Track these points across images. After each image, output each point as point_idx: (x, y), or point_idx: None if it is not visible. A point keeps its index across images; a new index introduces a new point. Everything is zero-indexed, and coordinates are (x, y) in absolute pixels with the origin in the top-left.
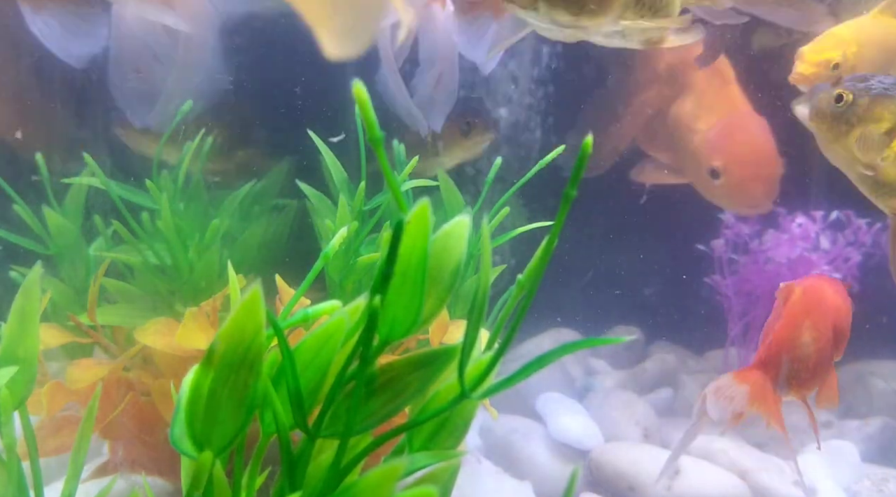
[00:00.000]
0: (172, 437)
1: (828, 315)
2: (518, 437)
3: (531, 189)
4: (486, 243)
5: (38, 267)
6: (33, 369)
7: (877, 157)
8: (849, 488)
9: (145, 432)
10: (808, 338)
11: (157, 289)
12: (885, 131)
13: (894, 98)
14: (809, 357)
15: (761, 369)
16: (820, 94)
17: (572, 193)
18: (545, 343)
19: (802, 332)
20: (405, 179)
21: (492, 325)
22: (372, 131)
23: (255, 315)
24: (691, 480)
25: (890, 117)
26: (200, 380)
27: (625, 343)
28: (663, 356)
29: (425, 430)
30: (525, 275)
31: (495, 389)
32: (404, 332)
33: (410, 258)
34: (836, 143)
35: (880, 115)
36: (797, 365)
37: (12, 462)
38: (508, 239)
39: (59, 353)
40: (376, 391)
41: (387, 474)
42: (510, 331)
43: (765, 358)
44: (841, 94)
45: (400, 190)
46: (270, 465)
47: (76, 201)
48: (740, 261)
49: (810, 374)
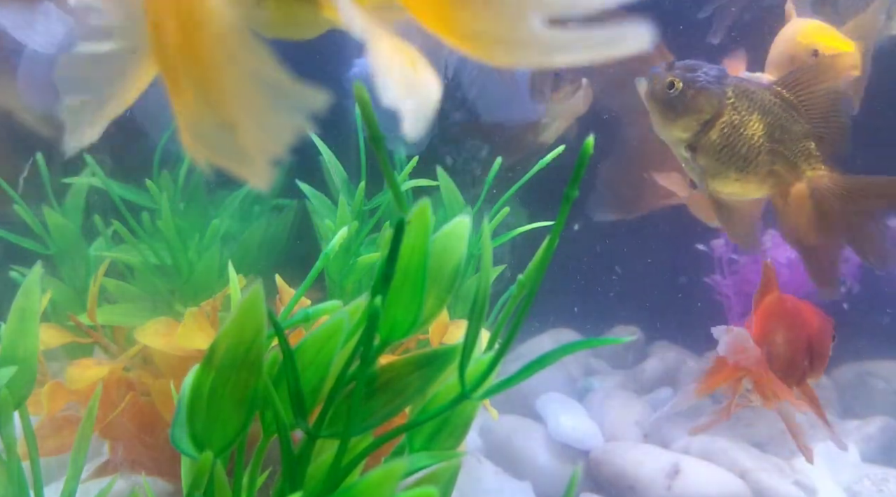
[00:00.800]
0: (173, 437)
1: (802, 331)
2: (518, 437)
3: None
4: (487, 243)
5: (38, 267)
6: (33, 369)
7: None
8: (849, 488)
9: (145, 432)
10: (780, 339)
11: (157, 289)
12: (704, 121)
13: (715, 92)
14: (780, 357)
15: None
16: (655, 77)
17: (573, 194)
18: (545, 343)
19: (777, 330)
20: (405, 179)
21: (492, 326)
22: (373, 131)
23: (255, 315)
24: (691, 480)
25: (709, 109)
26: (201, 380)
27: (625, 343)
28: (663, 356)
29: (426, 430)
30: (526, 275)
31: (496, 390)
32: (405, 332)
33: (411, 258)
34: (666, 125)
35: (702, 106)
36: (770, 358)
37: (12, 462)
38: (509, 239)
39: (59, 353)
40: (377, 391)
41: (387, 474)
42: (511, 331)
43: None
44: (672, 82)
45: (400, 190)
46: (271, 465)
47: (76, 201)
48: (740, 261)
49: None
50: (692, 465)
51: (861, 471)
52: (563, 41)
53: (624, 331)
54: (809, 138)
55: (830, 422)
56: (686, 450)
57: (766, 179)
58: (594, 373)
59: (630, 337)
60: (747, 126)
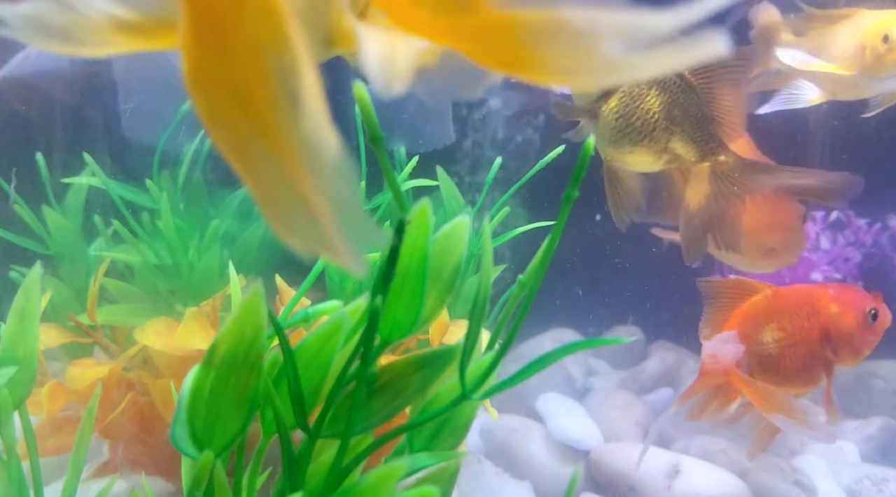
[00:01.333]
0: (174, 437)
1: (810, 322)
2: (518, 437)
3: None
4: (488, 244)
5: (38, 267)
6: (33, 369)
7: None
8: (849, 488)
9: (145, 432)
10: (769, 338)
11: (157, 289)
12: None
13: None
14: (773, 357)
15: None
16: None
17: (574, 194)
18: (545, 343)
19: (761, 330)
20: (405, 179)
21: (492, 326)
22: (373, 132)
23: (256, 315)
24: (691, 480)
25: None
26: (202, 380)
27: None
28: (663, 356)
29: (426, 430)
30: (526, 275)
31: (496, 390)
32: (405, 332)
33: (411, 258)
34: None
35: None
36: (759, 359)
37: (12, 462)
38: (509, 239)
39: (59, 353)
40: (377, 391)
41: (388, 474)
42: (511, 331)
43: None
44: None
45: (400, 190)
46: (271, 465)
47: (76, 201)
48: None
49: (781, 374)
50: (692, 465)
51: (861, 471)
52: (639, 61)
53: (624, 331)
54: (711, 122)
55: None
56: (686, 450)
57: (662, 156)
58: (594, 373)
59: (630, 338)
60: (644, 100)
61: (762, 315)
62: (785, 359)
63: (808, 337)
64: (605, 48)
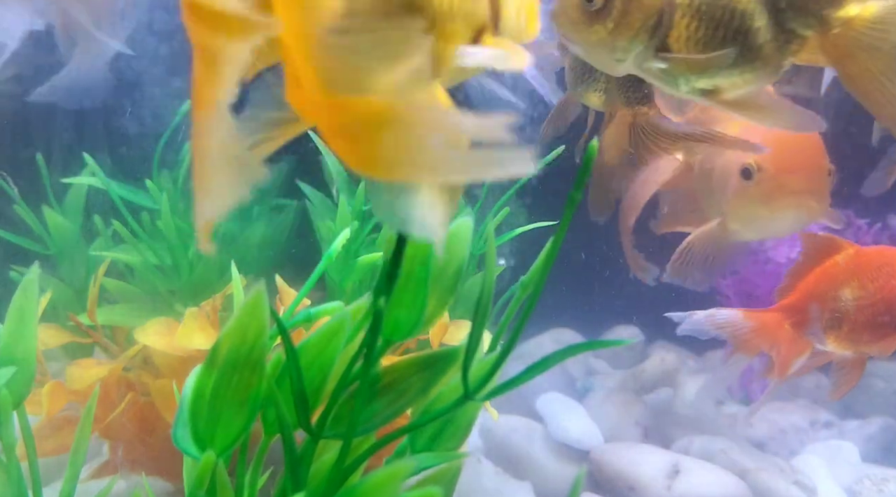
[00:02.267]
0: (176, 437)
1: (891, 283)
2: (518, 438)
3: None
4: (491, 245)
5: (36, 267)
6: (32, 369)
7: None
8: (849, 488)
9: (145, 432)
10: (849, 295)
11: (157, 289)
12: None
13: None
14: (851, 314)
15: (781, 312)
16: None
17: (578, 196)
18: (546, 343)
19: (841, 288)
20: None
21: (493, 327)
22: None
23: (258, 315)
24: (691, 480)
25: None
26: (204, 380)
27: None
28: (663, 356)
29: (428, 431)
30: (529, 276)
31: (498, 391)
32: (407, 332)
33: (414, 259)
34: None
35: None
36: (836, 318)
37: (12, 462)
38: (509, 239)
39: (59, 353)
40: (380, 392)
41: (391, 475)
42: (514, 332)
43: (787, 304)
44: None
45: None
46: (273, 465)
47: (76, 201)
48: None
49: (858, 331)
50: (692, 465)
51: (861, 471)
52: (456, 160)
53: (624, 331)
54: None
55: (830, 422)
56: (686, 450)
57: (601, 96)
58: (594, 373)
59: (631, 339)
60: None
61: (843, 273)
62: (862, 316)
63: (887, 297)
64: (431, 141)
